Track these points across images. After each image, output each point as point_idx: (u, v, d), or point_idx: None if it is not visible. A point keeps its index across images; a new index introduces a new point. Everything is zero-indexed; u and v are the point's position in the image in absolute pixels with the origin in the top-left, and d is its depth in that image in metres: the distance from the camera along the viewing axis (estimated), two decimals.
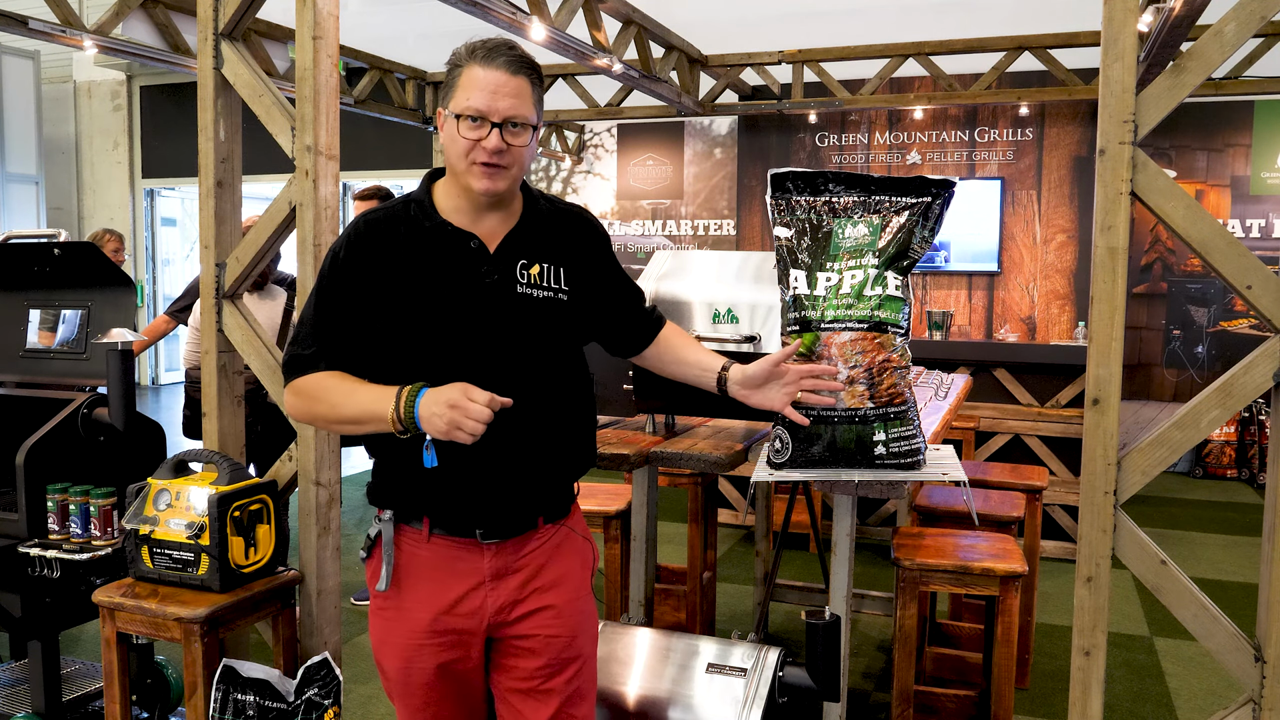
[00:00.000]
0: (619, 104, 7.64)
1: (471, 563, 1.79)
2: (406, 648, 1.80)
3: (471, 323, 1.74)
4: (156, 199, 12.11)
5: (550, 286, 1.79)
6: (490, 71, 1.67)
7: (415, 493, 1.78)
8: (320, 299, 1.78)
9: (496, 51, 1.68)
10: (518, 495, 1.79)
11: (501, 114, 1.67)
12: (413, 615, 1.80)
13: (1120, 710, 3.59)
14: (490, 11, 4.38)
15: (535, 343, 1.78)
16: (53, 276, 3.17)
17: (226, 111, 2.84)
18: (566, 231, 1.86)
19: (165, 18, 5.52)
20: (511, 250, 1.78)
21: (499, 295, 1.75)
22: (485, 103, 1.66)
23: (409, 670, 1.81)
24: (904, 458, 2.13)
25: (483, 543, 1.78)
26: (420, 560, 1.80)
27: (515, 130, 1.69)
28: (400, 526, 1.82)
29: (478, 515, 1.77)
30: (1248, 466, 7.62)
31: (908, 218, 2.13)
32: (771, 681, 2.24)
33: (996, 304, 7.89)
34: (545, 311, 1.78)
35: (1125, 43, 2.09)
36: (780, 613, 4.41)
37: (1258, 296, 2.05)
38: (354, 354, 1.77)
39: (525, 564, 1.82)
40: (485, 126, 1.67)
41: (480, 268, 1.75)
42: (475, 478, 1.74)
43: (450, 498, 1.76)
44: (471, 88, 1.67)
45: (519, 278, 1.77)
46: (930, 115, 7.93)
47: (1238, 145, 7.68)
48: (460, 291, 1.74)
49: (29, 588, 2.81)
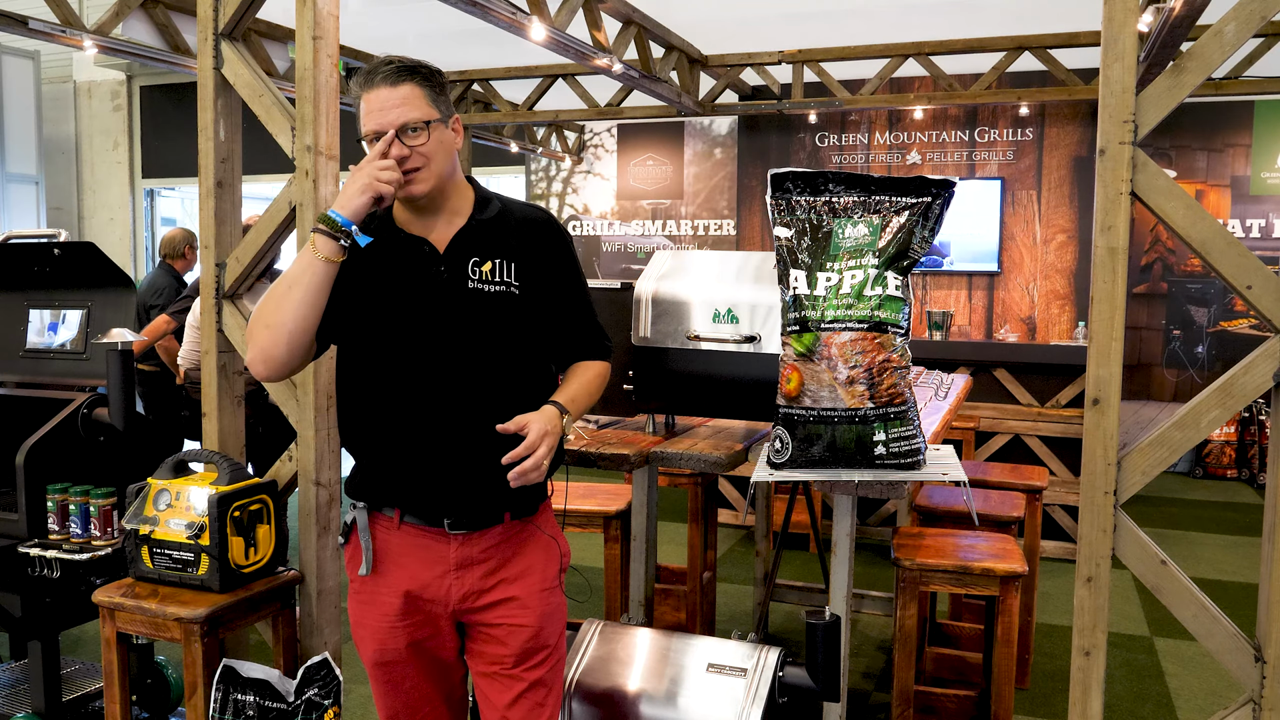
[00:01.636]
0: (619, 104, 7.64)
1: (438, 551, 1.89)
2: (380, 629, 1.91)
3: (424, 318, 1.84)
4: (156, 199, 12.11)
5: (502, 281, 1.88)
6: (372, 93, 1.80)
7: (388, 484, 1.88)
8: None
9: (374, 73, 1.81)
10: (483, 487, 1.86)
11: (392, 125, 1.78)
12: (384, 599, 1.91)
13: (1120, 710, 3.59)
14: (490, 11, 4.38)
15: (489, 336, 1.86)
16: (53, 276, 3.17)
17: (226, 111, 2.84)
18: (518, 230, 1.93)
19: (165, 18, 5.52)
20: (461, 249, 1.87)
21: (450, 291, 1.85)
22: (376, 122, 1.79)
23: (383, 650, 1.92)
24: (904, 458, 2.13)
25: (450, 532, 1.87)
26: (392, 546, 1.91)
27: (413, 134, 1.79)
28: (373, 514, 1.92)
29: (445, 505, 1.86)
30: (1248, 466, 7.61)
31: (908, 218, 2.13)
32: (771, 681, 2.24)
33: (996, 304, 7.89)
34: (497, 305, 1.87)
35: (1125, 43, 2.09)
36: (780, 613, 4.41)
37: (1258, 296, 2.05)
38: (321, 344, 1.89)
39: (489, 556, 1.90)
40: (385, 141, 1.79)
41: (432, 268, 1.85)
42: (443, 469, 1.84)
43: (419, 487, 1.86)
44: (365, 114, 1.81)
45: (470, 274, 1.86)
46: (930, 115, 7.92)
47: (1238, 145, 7.68)
48: (415, 291, 1.84)
49: (29, 588, 2.81)
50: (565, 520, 3.28)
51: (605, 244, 9.44)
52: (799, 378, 2.13)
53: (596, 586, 4.64)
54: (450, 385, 1.84)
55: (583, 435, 2.74)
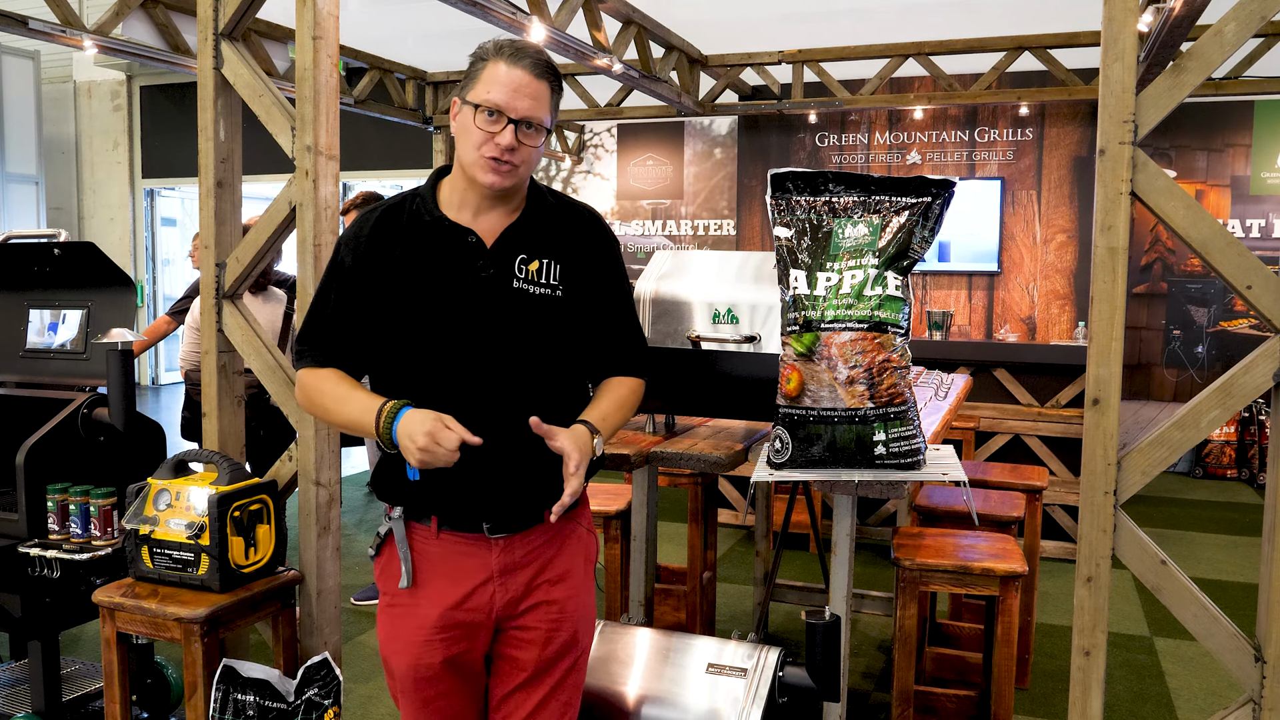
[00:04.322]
0: (619, 104, 7.64)
1: (480, 558, 1.81)
2: (414, 644, 1.81)
3: (465, 317, 1.75)
4: (156, 199, 12.11)
5: (547, 283, 1.80)
6: (515, 70, 1.70)
7: (422, 489, 1.79)
8: (323, 292, 1.83)
9: (523, 52, 1.72)
10: (522, 488, 1.80)
11: (520, 113, 1.69)
12: (422, 611, 1.81)
13: (1120, 710, 3.59)
14: (490, 11, 4.38)
15: (531, 338, 1.78)
16: (53, 276, 3.17)
17: (226, 111, 2.84)
18: (570, 228, 1.86)
19: (165, 18, 5.52)
20: (510, 245, 1.79)
21: (494, 290, 1.76)
22: (505, 99, 1.69)
23: (417, 666, 1.82)
24: (904, 458, 2.13)
25: (490, 537, 1.80)
26: (430, 557, 1.82)
27: (529, 131, 1.72)
28: (410, 524, 1.84)
29: (484, 509, 1.79)
30: (1248, 466, 7.61)
31: (908, 218, 2.13)
32: (771, 681, 2.24)
33: (996, 304, 7.89)
34: (541, 307, 1.79)
35: (1125, 43, 2.09)
36: (780, 613, 4.41)
37: (1258, 296, 2.05)
38: (356, 346, 1.82)
39: (533, 558, 1.83)
40: (501, 121, 1.69)
41: (476, 262, 1.76)
42: (480, 474, 1.75)
43: (456, 494, 1.78)
44: (494, 82, 1.69)
45: (516, 272, 1.78)
46: (930, 115, 7.93)
47: (1238, 145, 7.68)
48: (455, 285, 1.76)
49: (29, 588, 2.81)
50: None
51: None
52: (799, 378, 2.13)
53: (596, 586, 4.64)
54: (488, 387, 1.76)
55: None
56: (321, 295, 1.84)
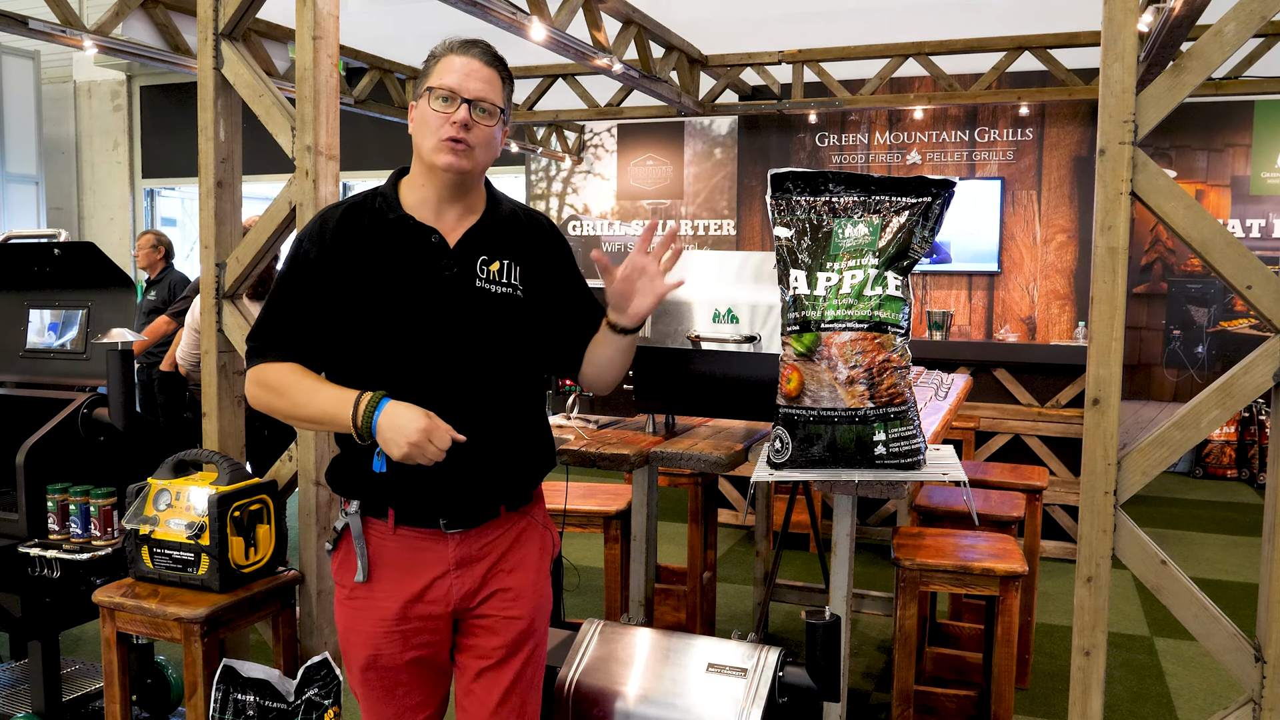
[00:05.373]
0: (619, 104, 7.64)
1: (437, 552, 1.84)
2: (374, 635, 1.85)
3: (428, 315, 1.79)
4: (156, 199, 12.11)
5: (508, 283, 1.85)
6: (464, 57, 1.78)
7: (379, 484, 1.81)
8: (284, 286, 1.84)
9: (472, 44, 1.81)
10: (479, 486, 1.83)
11: (472, 93, 1.76)
12: (381, 604, 1.85)
13: (1120, 710, 3.59)
14: (490, 11, 4.38)
15: (492, 336, 1.82)
16: (53, 276, 3.17)
17: (226, 111, 2.84)
18: (526, 233, 1.91)
19: (165, 18, 5.52)
20: (472, 245, 1.83)
21: (457, 289, 1.80)
22: (457, 81, 1.76)
23: (378, 657, 1.86)
24: (904, 458, 2.13)
25: (447, 532, 1.84)
26: (387, 552, 1.86)
27: (483, 115, 1.77)
28: (366, 519, 1.87)
29: (441, 505, 1.83)
30: (1248, 466, 7.61)
31: (908, 218, 2.13)
32: (771, 681, 2.24)
33: (996, 304, 7.89)
34: (502, 307, 1.83)
35: (1125, 43, 2.09)
36: (780, 613, 4.41)
37: (1258, 296, 2.05)
38: (316, 342, 1.82)
39: (488, 551, 1.87)
40: (456, 101, 1.76)
41: (439, 261, 1.80)
42: (438, 470, 1.77)
43: (415, 489, 1.81)
44: (447, 71, 1.78)
45: (478, 272, 1.82)
46: (930, 115, 7.92)
47: (1238, 145, 7.68)
48: (419, 284, 1.79)
49: (29, 588, 2.81)
50: (565, 520, 3.28)
51: (605, 244, 9.43)
52: (799, 378, 2.13)
53: (596, 586, 4.64)
54: (449, 384, 1.79)
55: (583, 435, 2.74)
56: (281, 290, 1.84)
